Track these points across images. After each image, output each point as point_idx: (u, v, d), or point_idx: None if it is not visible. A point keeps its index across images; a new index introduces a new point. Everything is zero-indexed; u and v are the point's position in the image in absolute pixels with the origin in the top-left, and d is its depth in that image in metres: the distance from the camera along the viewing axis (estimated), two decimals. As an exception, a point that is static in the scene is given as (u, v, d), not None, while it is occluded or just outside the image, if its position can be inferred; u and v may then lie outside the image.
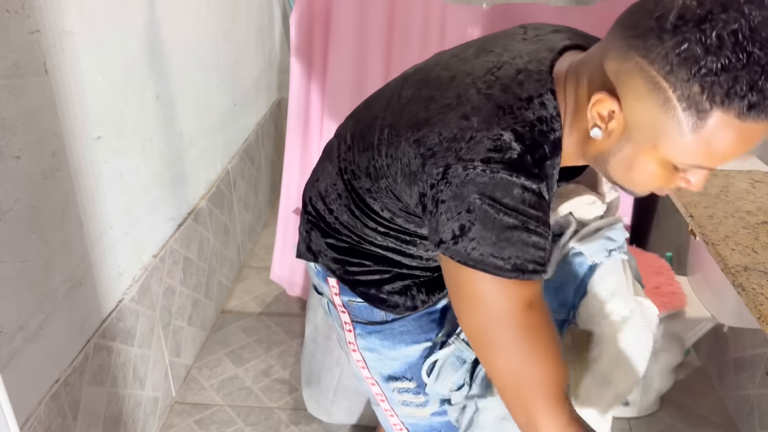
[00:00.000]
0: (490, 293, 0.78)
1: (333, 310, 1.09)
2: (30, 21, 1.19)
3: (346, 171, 0.96)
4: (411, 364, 1.06)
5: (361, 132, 0.95)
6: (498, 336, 0.80)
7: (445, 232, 0.78)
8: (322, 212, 1.03)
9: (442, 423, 1.12)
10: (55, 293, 1.31)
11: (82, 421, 1.41)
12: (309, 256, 1.07)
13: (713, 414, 1.92)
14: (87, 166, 1.42)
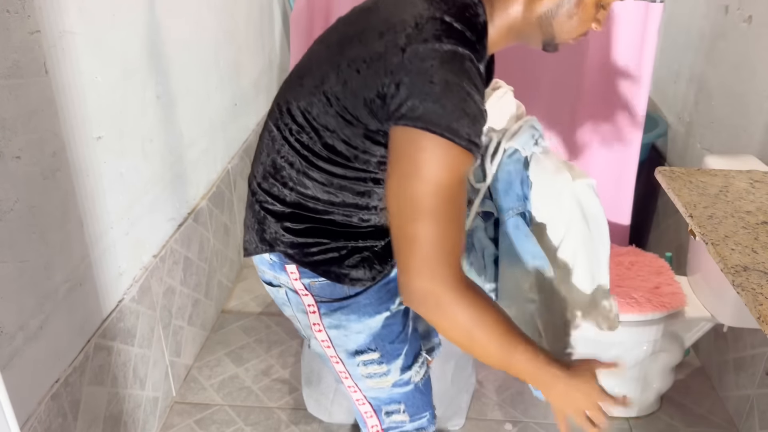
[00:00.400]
0: (439, 161, 0.86)
1: (293, 296, 1.12)
2: (30, 21, 1.19)
3: (292, 133, 1.01)
4: (375, 334, 1.12)
5: (293, 89, 1.03)
6: (429, 205, 0.87)
7: (406, 104, 0.86)
8: (277, 192, 1.06)
9: (401, 394, 1.19)
10: (56, 293, 1.32)
11: (83, 420, 1.41)
12: (263, 248, 1.09)
13: (713, 414, 1.92)
14: (87, 166, 1.42)
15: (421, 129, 0.86)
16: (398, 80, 0.88)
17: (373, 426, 1.22)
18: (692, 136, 2.25)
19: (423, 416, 1.23)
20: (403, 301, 0.93)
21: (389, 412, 1.21)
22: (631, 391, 1.89)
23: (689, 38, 2.29)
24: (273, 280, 1.14)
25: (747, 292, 1.00)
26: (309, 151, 1.01)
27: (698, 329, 1.86)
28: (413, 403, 1.21)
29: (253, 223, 1.11)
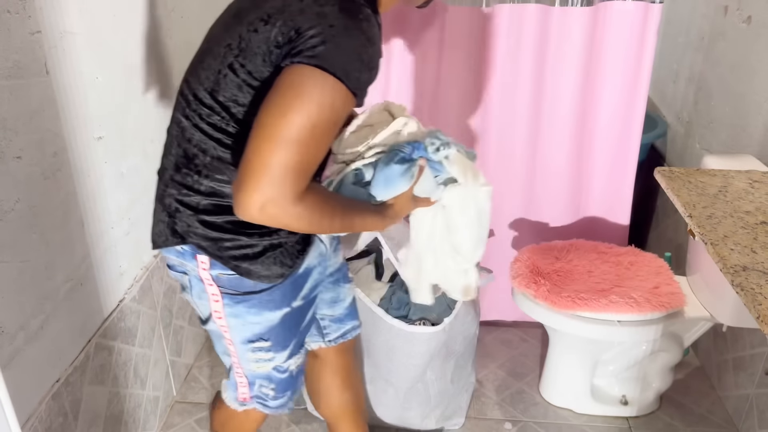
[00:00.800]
0: (324, 98, 0.91)
1: (197, 283, 1.15)
2: (31, 22, 1.19)
3: (202, 118, 1.04)
4: (271, 327, 1.19)
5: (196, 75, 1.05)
6: (300, 135, 0.91)
7: (307, 45, 0.92)
8: (191, 182, 1.07)
9: (277, 378, 1.27)
10: (56, 293, 1.32)
11: (83, 420, 1.42)
12: (175, 240, 1.11)
13: (712, 413, 1.92)
14: (88, 166, 1.42)
15: (315, 66, 0.91)
16: (298, 25, 0.93)
17: (242, 393, 1.31)
18: (691, 136, 2.25)
19: (285, 395, 1.32)
20: (238, 215, 0.95)
21: (261, 386, 1.30)
22: (630, 390, 1.89)
23: (689, 38, 2.29)
24: (178, 266, 1.17)
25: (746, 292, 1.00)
26: (222, 132, 1.03)
27: (697, 329, 1.86)
28: (283, 385, 1.30)
29: (164, 216, 1.12)
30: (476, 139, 2.08)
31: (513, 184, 2.14)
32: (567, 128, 2.05)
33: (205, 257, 1.10)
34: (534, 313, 1.80)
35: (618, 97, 2.02)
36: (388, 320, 1.63)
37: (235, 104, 1.02)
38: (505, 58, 1.98)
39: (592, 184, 2.15)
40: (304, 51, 0.92)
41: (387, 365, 1.70)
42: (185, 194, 1.08)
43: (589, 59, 1.98)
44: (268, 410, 1.33)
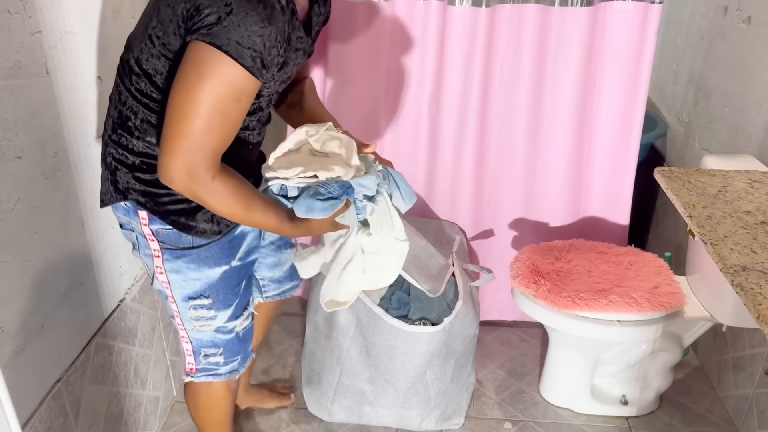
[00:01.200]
0: (224, 73, 0.99)
1: (142, 240, 1.23)
2: (31, 22, 1.19)
3: (132, 83, 1.12)
4: (211, 284, 1.26)
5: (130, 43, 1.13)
6: (205, 110, 1.00)
7: (204, 23, 0.98)
8: (125, 142, 1.15)
9: (222, 340, 1.33)
10: (57, 293, 1.32)
11: (84, 420, 1.42)
12: (118, 197, 1.19)
13: (712, 413, 1.93)
14: (88, 167, 1.42)
15: (211, 45, 0.98)
16: (198, 3, 0.99)
17: (189, 364, 1.37)
18: (691, 136, 2.25)
19: (235, 359, 1.38)
20: (161, 180, 1.05)
21: (207, 354, 1.35)
22: (630, 390, 1.89)
23: (688, 39, 2.29)
24: (126, 224, 1.24)
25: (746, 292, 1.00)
26: (148, 98, 1.12)
27: (697, 329, 1.86)
28: (230, 349, 1.35)
29: (107, 175, 1.20)
30: (476, 139, 2.08)
31: (513, 184, 2.15)
32: (567, 128, 2.06)
33: (145, 213, 1.18)
34: (534, 313, 1.80)
35: (618, 97, 2.02)
36: (388, 320, 1.63)
37: (156, 73, 1.10)
38: (504, 58, 1.98)
39: (592, 184, 2.16)
40: (201, 29, 0.98)
41: (387, 365, 1.70)
42: (121, 153, 1.17)
43: (588, 59, 1.98)
44: (220, 378, 1.38)
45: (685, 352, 1.96)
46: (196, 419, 1.52)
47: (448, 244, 1.98)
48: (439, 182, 2.15)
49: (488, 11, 1.92)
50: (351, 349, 1.74)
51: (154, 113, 1.12)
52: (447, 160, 2.11)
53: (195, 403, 1.47)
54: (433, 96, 2.05)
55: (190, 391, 1.46)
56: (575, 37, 1.94)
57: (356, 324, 1.70)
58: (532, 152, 2.10)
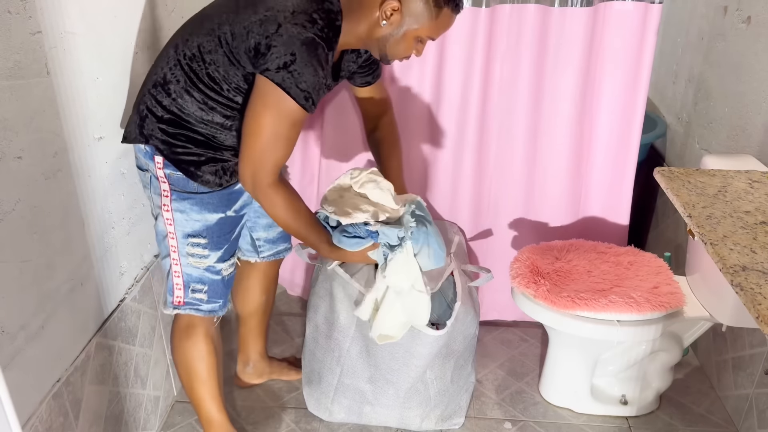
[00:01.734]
0: (282, 108, 1.30)
1: (155, 181, 1.44)
2: (32, 22, 1.19)
3: (186, 58, 1.35)
4: (209, 226, 1.48)
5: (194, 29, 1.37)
6: (269, 130, 1.32)
7: (272, 64, 1.27)
8: (161, 99, 1.38)
9: (209, 279, 1.53)
10: (57, 293, 1.32)
11: (84, 420, 1.42)
12: (141, 139, 1.40)
13: (712, 413, 1.93)
14: (88, 167, 1.42)
15: (273, 81, 1.28)
16: (269, 42, 1.27)
17: (177, 296, 1.53)
18: (691, 136, 2.25)
19: (217, 302, 1.56)
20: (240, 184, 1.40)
21: (194, 290, 1.53)
22: (630, 390, 1.89)
23: (688, 39, 2.29)
24: (143, 165, 1.46)
25: (745, 292, 1.00)
26: (195, 75, 1.36)
27: (697, 329, 1.87)
28: (214, 290, 1.54)
29: (136, 119, 1.41)
30: (476, 139, 2.08)
31: (513, 184, 2.15)
32: (567, 128, 2.06)
33: (161, 158, 1.40)
34: (534, 313, 1.80)
35: (617, 97, 2.03)
36: (389, 320, 1.63)
37: (213, 63, 1.34)
38: (504, 58, 1.98)
39: (592, 184, 2.16)
40: (270, 69, 1.27)
41: (389, 365, 1.70)
42: (154, 105, 1.39)
43: (588, 59, 1.98)
44: (201, 313, 1.55)
45: (684, 352, 1.96)
46: (180, 374, 1.63)
47: (447, 245, 1.98)
48: (439, 182, 2.15)
49: (488, 11, 1.92)
50: (351, 348, 1.74)
51: (195, 88, 1.36)
52: (447, 160, 2.11)
53: (178, 352, 1.61)
54: (433, 96, 2.05)
55: (173, 338, 1.61)
56: (575, 37, 1.94)
57: (357, 324, 1.71)
58: (531, 152, 2.10)
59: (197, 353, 1.59)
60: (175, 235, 1.47)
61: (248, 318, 1.91)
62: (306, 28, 1.27)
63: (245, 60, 1.31)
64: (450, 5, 1.40)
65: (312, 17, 1.29)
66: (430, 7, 1.38)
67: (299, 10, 1.28)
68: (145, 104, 1.40)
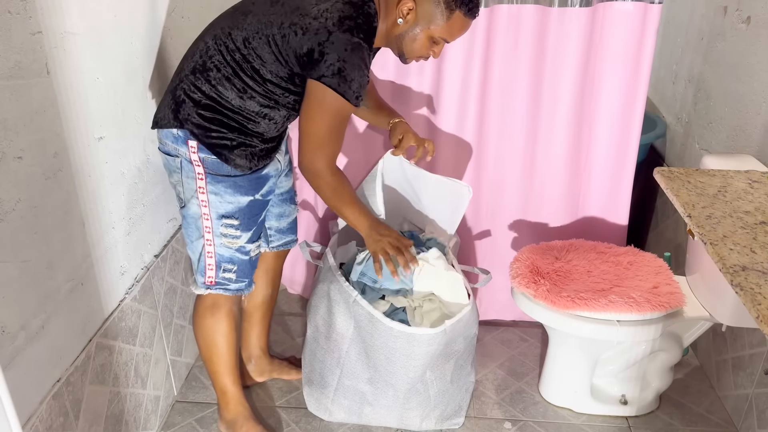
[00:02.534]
0: (337, 107, 1.43)
1: (187, 165, 1.51)
2: (32, 22, 1.20)
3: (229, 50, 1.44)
4: (241, 208, 1.56)
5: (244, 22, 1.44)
6: (326, 126, 1.46)
7: (327, 71, 1.38)
8: (200, 85, 1.45)
9: (239, 259, 1.62)
10: (57, 293, 1.32)
11: (84, 420, 1.42)
12: (175, 124, 1.47)
13: (711, 413, 1.93)
14: (89, 167, 1.42)
15: (327, 85, 1.40)
16: (322, 50, 1.38)
17: (209, 277, 1.62)
18: (691, 136, 2.25)
19: (244, 281, 1.66)
20: (300, 170, 1.52)
21: (225, 269, 1.62)
22: (630, 390, 1.89)
23: (688, 39, 2.30)
24: (172, 151, 1.51)
25: (745, 292, 1.00)
26: (238, 66, 1.44)
27: (697, 329, 1.87)
28: (242, 269, 1.64)
29: (171, 104, 1.48)
30: (475, 139, 2.09)
31: (512, 184, 2.15)
32: (566, 128, 2.06)
33: (195, 142, 1.47)
34: (533, 313, 1.80)
35: (617, 97, 2.03)
36: (387, 323, 1.63)
37: (258, 58, 1.43)
38: (503, 58, 1.98)
39: (592, 184, 2.16)
40: (326, 73, 1.39)
41: (387, 367, 1.70)
42: (193, 91, 1.46)
43: (588, 60, 1.98)
44: (229, 293, 1.65)
45: (684, 351, 1.96)
46: (200, 348, 1.72)
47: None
48: (439, 182, 2.15)
49: (487, 11, 1.92)
50: (350, 350, 1.74)
51: (236, 77, 1.44)
52: (446, 160, 2.12)
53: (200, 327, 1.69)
54: (432, 96, 2.05)
55: (196, 314, 1.70)
56: (574, 38, 1.94)
57: (354, 327, 1.71)
58: (531, 152, 2.10)
59: (219, 329, 1.68)
60: (210, 216, 1.55)
61: (253, 312, 1.94)
62: (353, 33, 1.38)
63: (293, 62, 1.41)
64: (462, 9, 1.45)
65: (357, 23, 1.39)
66: (442, 8, 1.44)
67: (345, 16, 1.38)
68: (183, 90, 1.47)
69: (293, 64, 1.42)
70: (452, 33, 1.49)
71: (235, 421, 1.75)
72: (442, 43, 1.51)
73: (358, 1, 1.42)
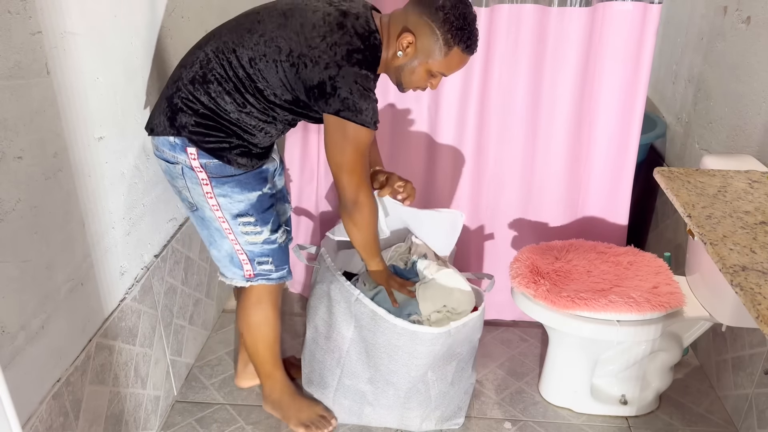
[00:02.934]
0: (358, 136, 1.47)
1: (189, 172, 1.52)
2: (32, 22, 1.20)
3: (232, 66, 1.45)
4: (251, 204, 1.58)
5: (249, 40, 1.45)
6: (351, 156, 1.50)
7: (342, 104, 1.43)
8: (199, 96, 1.47)
9: (270, 249, 1.66)
10: (57, 293, 1.32)
11: (84, 420, 1.42)
12: (171, 132, 1.48)
13: (711, 413, 1.93)
14: (89, 167, 1.42)
15: (346, 119, 1.44)
16: (334, 84, 1.42)
17: (247, 270, 1.67)
18: (691, 136, 2.25)
19: (284, 268, 1.71)
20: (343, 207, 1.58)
21: (260, 262, 1.66)
22: (630, 390, 1.89)
23: (688, 39, 2.30)
24: (171, 158, 1.52)
25: (745, 292, 1.00)
26: (240, 83, 1.46)
27: (697, 329, 1.87)
28: (278, 257, 1.68)
29: (167, 111, 1.49)
30: (475, 139, 2.09)
31: (512, 184, 2.15)
32: (566, 128, 2.06)
33: (194, 149, 1.48)
34: (533, 313, 1.80)
35: (617, 97, 2.03)
36: (391, 320, 1.63)
37: (263, 80, 1.46)
38: (503, 58, 1.98)
39: (591, 184, 2.16)
40: (340, 108, 1.43)
41: (388, 366, 1.70)
42: (191, 101, 1.47)
43: (588, 59, 1.98)
44: (272, 282, 1.70)
45: (684, 351, 1.96)
46: (247, 340, 1.78)
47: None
48: (439, 182, 2.15)
49: (487, 11, 1.92)
50: (351, 350, 1.74)
51: (237, 92, 1.46)
52: (446, 160, 2.12)
53: (247, 322, 1.75)
54: (433, 96, 2.05)
55: (243, 310, 1.75)
56: (574, 37, 1.94)
57: (355, 326, 1.71)
58: (531, 152, 2.10)
59: (264, 320, 1.74)
60: (225, 218, 1.57)
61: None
62: (362, 67, 1.43)
63: (301, 90, 1.46)
64: (461, 46, 1.47)
65: (365, 55, 1.43)
66: (440, 44, 1.46)
67: (354, 49, 1.42)
68: (180, 98, 1.48)
69: (300, 92, 1.46)
70: (450, 68, 1.51)
71: (281, 400, 1.85)
72: (440, 76, 1.54)
73: (365, 32, 1.44)
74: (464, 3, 1.47)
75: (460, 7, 1.45)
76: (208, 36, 1.53)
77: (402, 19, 1.48)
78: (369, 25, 1.46)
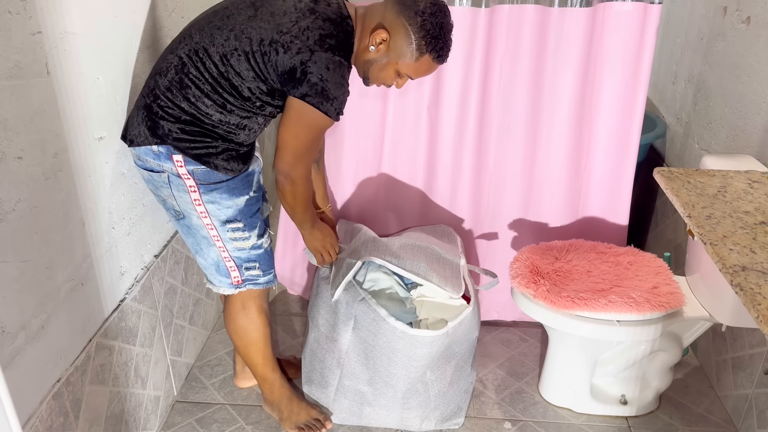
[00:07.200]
0: (317, 122, 1.46)
1: (176, 179, 1.49)
2: (32, 22, 1.20)
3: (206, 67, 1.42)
4: (240, 209, 1.57)
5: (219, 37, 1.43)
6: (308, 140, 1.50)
7: (310, 89, 1.41)
8: (179, 102, 1.44)
9: (257, 255, 1.65)
10: (57, 293, 1.32)
11: (84, 420, 1.42)
12: (154, 141, 1.45)
13: (711, 413, 1.93)
14: (89, 167, 1.42)
15: (310, 104, 1.43)
16: (304, 69, 1.40)
17: (234, 277, 1.66)
18: (690, 136, 2.25)
19: (271, 272, 1.71)
20: (275, 172, 1.54)
21: (248, 267, 1.65)
22: (630, 390, 1.89)
23: (688, 39, 2.30)
24: (156, 167, 1.49)
25: (745, 292, 1.00)
26: (216, 82, 1.43)
27: (697, 329, 1.87)
28: (265, 262, 1.68)
29: (146, 120, 1.46)
30: (475, 140, 2.09)
31: (512, 184, 2.15)
32: (566, 128, 2.06)
33: (180, 156, 1.46)
34: (533, 313, 1.80)
35: (617, 97, 2.03)
36: (392, 322, 1.63)
37: (237, 75, 1.43)
38: (504, 58, 1.98)
39: (592, 185, 2.16)
40: (306, 92, 1.41)
41: (387, 368, 1.70)
42: (171, 108, 1.44)
43: (588, 60, 1.98)
44: (260, 286, 1.70)
45: (684, 352, 1.96)
46: (237, 345, 1.78)
47: (453, 243, 1.98)
48: (439, 182, 2.15)
49: (488, 11, 1.92)
50: (350, 351, 1.74)
51: (216, 93, 1.44)
52: (446, 160, 2.12)
53: (234, 328, 1.75)
54: (433, 96, 2.05)
55: (230, 316, 1.74)
56: (574, 38, 1.94)
57: (354, 326, 1.71)
58: (531, 152, 2.10)
59: (252, 325, 1.73)
60: (213, 225, 1.56)
61: None
62: (334, 52, 1.41)
63: (274, 78, 1.43)
64: (432, 54, 1.48)
65: (338, 41, 1.42)
66: (413, 48, 1.47)
67: (326, 34, 1.40)
68: (160, 107, 1.44)
69: (274, 80, 1.44)
70: (418, 72, 1.52)
71: (279, 402, 1.85)
72: (406, 78, 1.54)
73: (336, 18, 1.43)
74: (443, 12, 1.47)
75: (438, 16, 1.45)
76: (178, 38, 1.49)
77: (379, 15, 1.48)
78: (341, 11, 1.45)
